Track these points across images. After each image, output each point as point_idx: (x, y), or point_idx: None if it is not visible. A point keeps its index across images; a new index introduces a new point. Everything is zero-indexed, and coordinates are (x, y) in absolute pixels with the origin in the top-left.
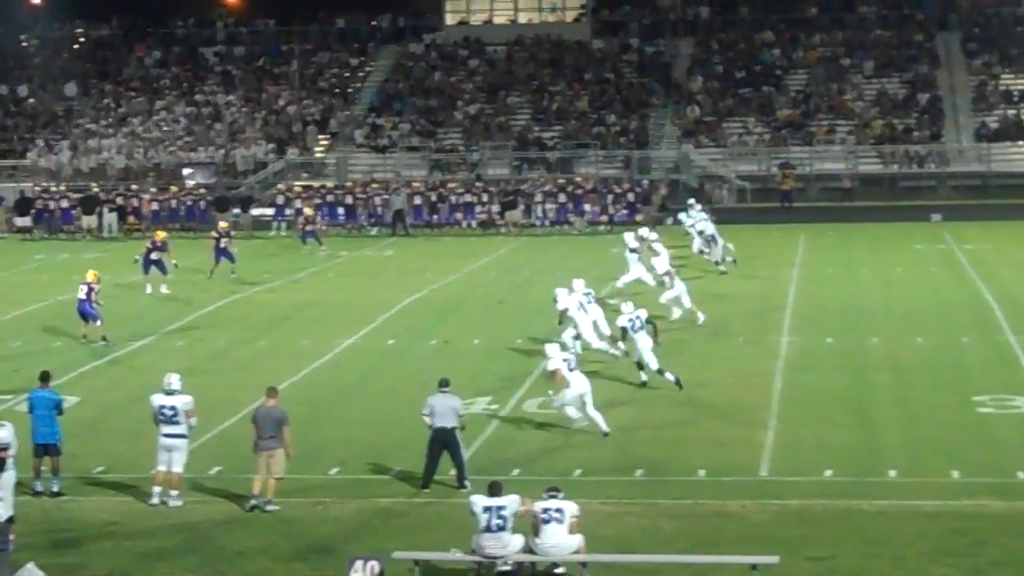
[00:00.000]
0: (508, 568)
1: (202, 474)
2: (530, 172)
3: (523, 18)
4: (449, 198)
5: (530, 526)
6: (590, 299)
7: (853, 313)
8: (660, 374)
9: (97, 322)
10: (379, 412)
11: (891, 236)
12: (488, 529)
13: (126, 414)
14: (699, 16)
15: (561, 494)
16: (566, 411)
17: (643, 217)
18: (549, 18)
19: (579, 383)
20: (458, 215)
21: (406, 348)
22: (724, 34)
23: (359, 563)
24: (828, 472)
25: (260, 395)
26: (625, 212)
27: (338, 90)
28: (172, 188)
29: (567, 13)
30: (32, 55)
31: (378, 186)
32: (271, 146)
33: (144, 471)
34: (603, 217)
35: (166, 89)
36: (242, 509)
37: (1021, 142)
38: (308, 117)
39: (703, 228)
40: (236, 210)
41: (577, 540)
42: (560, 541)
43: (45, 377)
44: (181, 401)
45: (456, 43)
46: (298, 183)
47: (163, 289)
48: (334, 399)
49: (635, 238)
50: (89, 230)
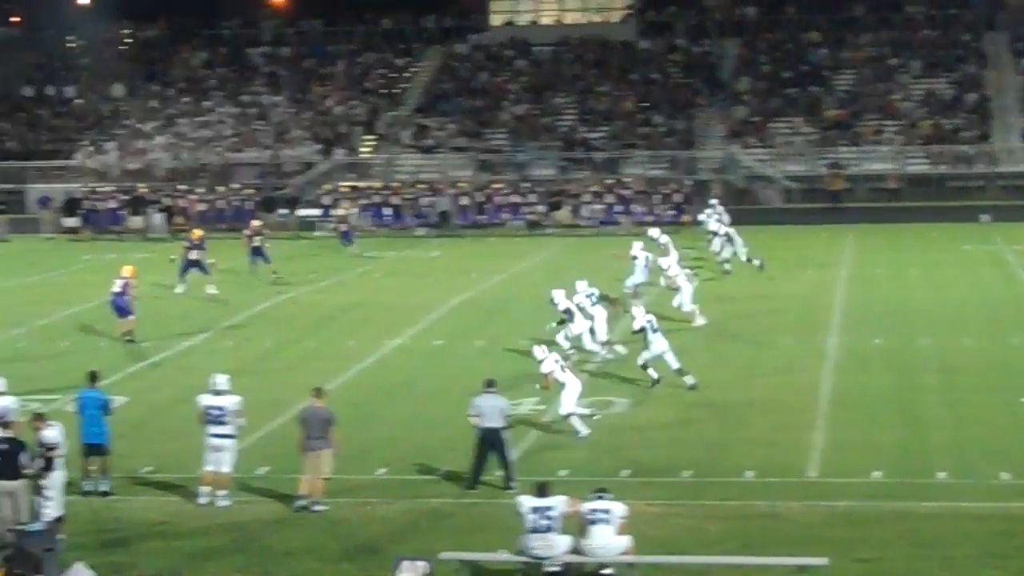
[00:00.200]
0: (556, 569)
1: (250, 474)
2: (576, 172)
3: (569, 18)
4: (495, 198)
5: (578, 527)
6: (594, 300)
7: (901, 314)
8: (680, 374)
9: (130, 316)
10: (426, 412)
11: (939, 237)
12: (536, 530)
13: (174, 414)
14: (746, 16)
15: (609, 495)
16: (573, 422)
17: (689, 218)
18: (595, 18)
19: (573, 383)
20: (504, 215)
21: (453, 348)
22: (771, 34)
23: (406, 564)
24: (877, 473)
25: (307, 395)
26: (672, 213)
27: (384, 91)
28: (219, 188)
29: (613, 13)
30: (79, 56)
31: (424, 187)
32: (318, 147)
33: (192, 471)
34: (649, 218)
35: (213, 90)
36: (290, 509)
37: None
38: (354, 118)
39: (715, 228)
40: (283, 210)
41: (625, 541)
42: (608, 542)
43: (93, 377)
44: (229, 401)
45: (502, 43)
46: (344, 184)
47: (209, 290)
48: (381, 399)
49: (640, 247)
50: (136, 230)
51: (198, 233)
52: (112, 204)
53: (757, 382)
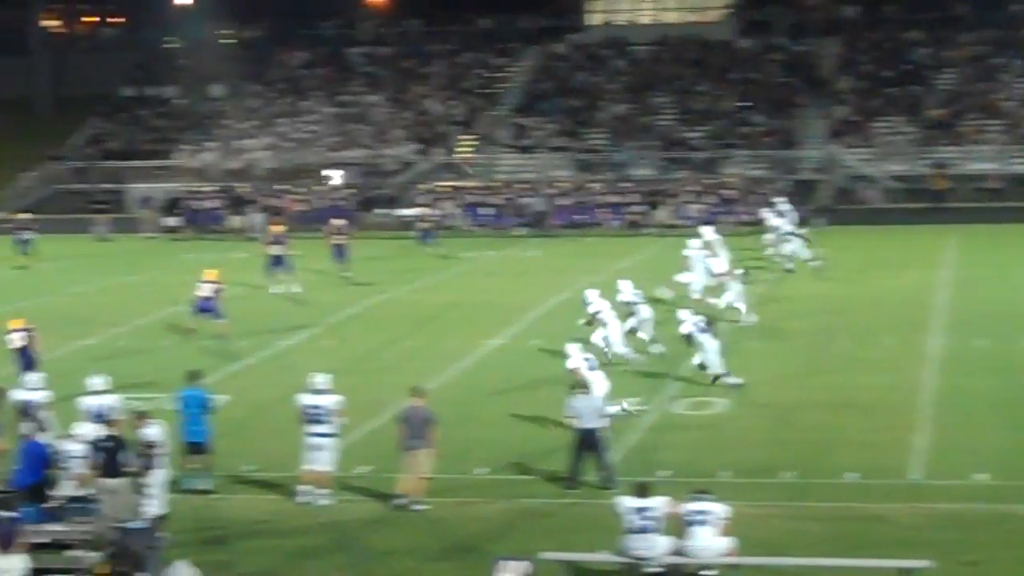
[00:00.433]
0: (657, 570)
1: (350, 473)
2: (675, 172)
3: (667, 18)
4: (594, 198)
5: (678, 528)
6: (640, 300)
7: (1006, 315)
8: (702, 368)
9: (221, 320)
10: (525, 413)
11: None
12: (636, 530)
13: (275, 413)
14: (846, 15)
15: (710, 496)
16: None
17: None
18: (694, 18)
19: (600, 383)
20: (603, 215)
21: (551, 349)
22: (872, 33)
23: (506, 564)
24: (982, 476)
25: (407, 395)
26: (774, 212)
27: (483, 91)
28: (318, 188)
29: (712, 12)
30: (180, 57)
31: (522, 186)
32: (416, 146)
33: (293, 470)
34: (749, 217)
35: (312, 90)
36: (389, 508)
37: None
38: (453, 117)
39: (778, 225)
40: (381, 210)
41: (726, 542)
42: (709, 543)
43: (194, 376)
44: (329, 401)
45: (600, 43)
46: (442, 183)
47: (293, 288)
48: (481, 399)
49: (697, 244)
50: (236, 230)
51: (278, 228)
52: (212, 204)
53: (858, 382)
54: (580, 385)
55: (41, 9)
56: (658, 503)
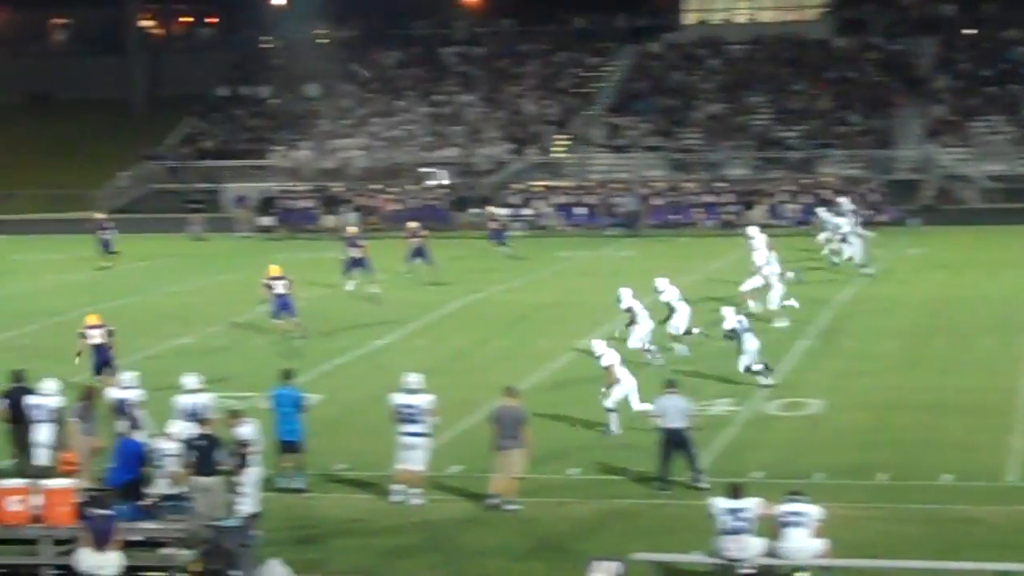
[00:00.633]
0: (750, 571)
1: (442, 473)
2: (770, 172)
3: (763, 17)
4: (688, 198)
5: (771, 530)
6: (679, 298)
7: None
8: (747, 371)
9: (294, 317)
10: (619, 413)
11: None
12: (729, 531)
13: (368, 412)
14: (943, 13)
15: (803, 497)
16: (610, 418)
17: (889, 217)
18: (789, 16)
19: (627, 380)
20: (697, 215)
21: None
22: (969, 31)
23: (599, 564)
24: None
25: (500, 395)
26: (870, 212)
27: (577, 90)
28: (411, 188)
29: (808, 11)
30: (275, 57)
31: (616, 186)
32: (510, 146)
33: (385, 469)
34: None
35: (406, 89)
36: (481, 508)
37: None
38: (547, 117)
39: (837, 225)
40: (474, 210)
41: (820, 544)
42: (803, 545)
43: (288, 375)
44: (422, 400)
45: (695, 42)
46: (537, 183)
47: (371, 288)
48: (573, 400)
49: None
50: (330, 229)
51: (353, 230)
52: (306, 203)
53: (955, 384)
54: (669, 385)
55: (138, 9)
56: (751, 504)
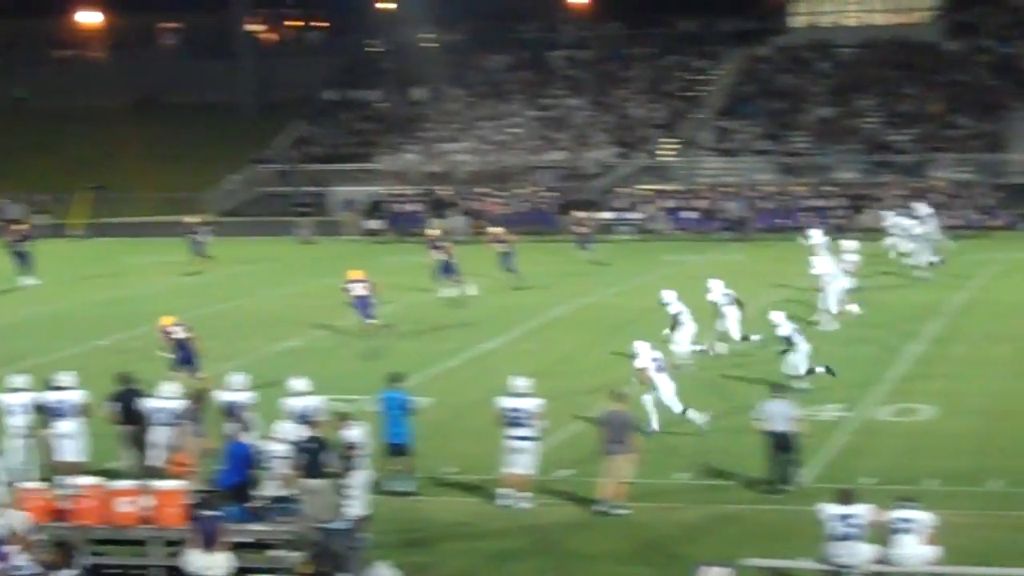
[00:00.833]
0: None
1: (550, 477)
2: (880, 176)
3: (873, 20)
4: (797, 202)
5: (882, 536)
6: (730, 300)
7: None
8: (810, 372)
9: (373, 319)
10: (727, 417)
11: None
12: (840, 538)
13: (476, 416)
14: None
15: (915, 504)
16: (649, 415)
17: (1003, 222)
18: (899, 19)
19: (665, 384)
20: (806, 219)
21: (753, 353)
22: None
23: (707, 570)
24: None
25: (608, 399)
26: (983, 216)
27: (685, 93)
28: (518, 191)
29: (918, 14)
30: (382, 60)
31: (725, 190)
32: (617, 150)
33: (493, 473)
34: (957, 222)
35: (513, 93)
36: (589, 513)
37: None
38: (654, 121)
39: (907, 227)
40: (581, 213)
41: (931, 551)
42: (914, 552)
43: (396, 378)
44: (530, 404)
45: (804, 45)
46: (644, 187)
47: (468, 291)
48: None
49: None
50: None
51: (434, 233)
52: (413, 207)
53: None
54: (777, 388)
55: (246, 14)
56: (862, 510)
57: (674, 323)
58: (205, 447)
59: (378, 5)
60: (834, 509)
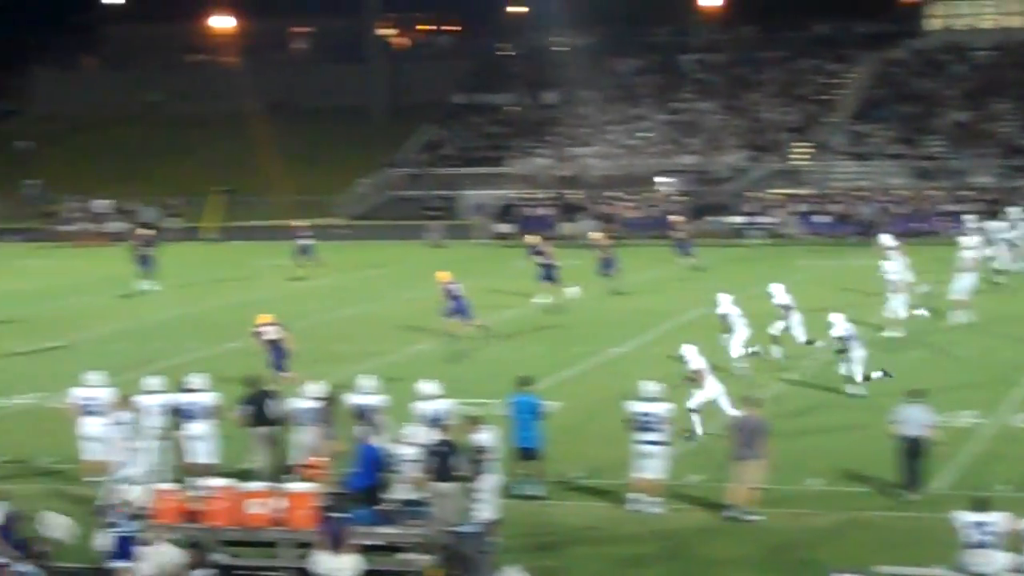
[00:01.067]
0: None
1: (681, 482)
2: (1017, 180)
3: (1010, 22)
4: (932, 206)
5: (1019, 545)
6: (792, 304)
7: None
8: (867, 379)
9: (471, 321)
10: (859, 422)
11: None
12: (974, 545)
13: (606, 420)
14: None
15: None
16: (693, 419)
17: None
18: None
19: (713, 386)
20: (941, 224)
21: (884, 358)
22: None
23: None
24: None
25: (740, 405)
26: None
27: (817, 97)
28: (649, 195)
29: None
30: (513, 64)
31: (858, 194)
32: (749, 153)
33: (624, 477)
34: None
35: (644, 97)
36: (721, 518)
37: None
38: (786, 124)
39: (992, 231)
40: (712, 217)
41: None
42: None
43: (526, 381)
44: (660, 408)
45: (939, 48)
46: (776, 191)
47: (569, 294)
48: (814, 409)
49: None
50: (569, 237)
51: (534, 239)
52: (544, 210)
53: None
54: (913, 393)
55: (377, 18)
56: (998, 518)
57: (726, 328)
58: (336, 450)
59: (509, 9)
60: (969, 516)
